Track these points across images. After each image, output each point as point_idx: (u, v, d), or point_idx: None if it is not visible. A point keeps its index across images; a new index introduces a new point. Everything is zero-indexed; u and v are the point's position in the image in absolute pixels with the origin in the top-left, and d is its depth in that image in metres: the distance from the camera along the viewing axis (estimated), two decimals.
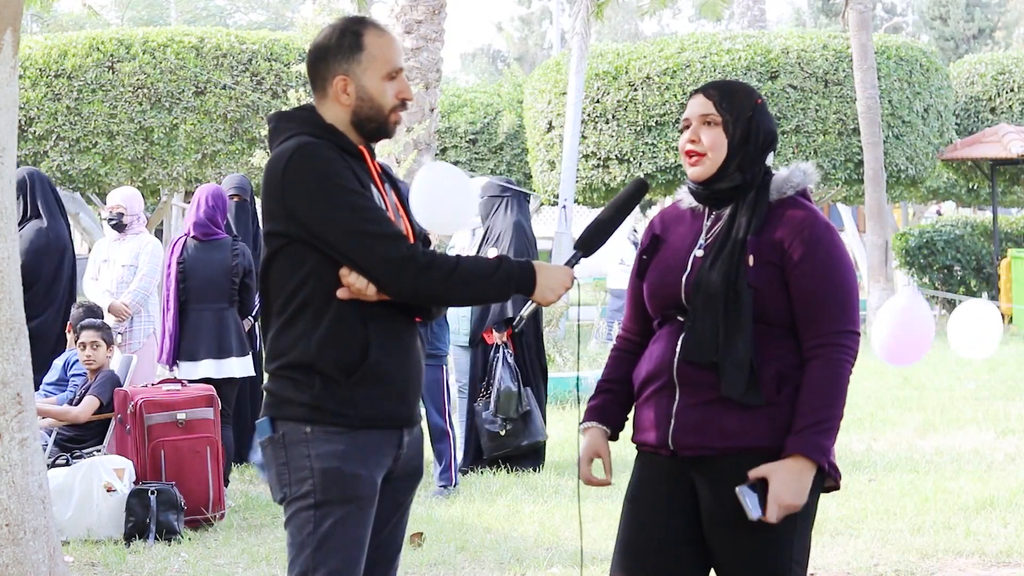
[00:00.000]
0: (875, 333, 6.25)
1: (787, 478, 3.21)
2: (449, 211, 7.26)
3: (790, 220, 3.34)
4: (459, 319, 8.73)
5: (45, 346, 7.98)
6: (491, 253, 8.57)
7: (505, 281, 3.29)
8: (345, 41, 3.35)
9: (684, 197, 3.51)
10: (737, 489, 3.23)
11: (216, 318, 7.87)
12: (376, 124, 3.37)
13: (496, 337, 8.57)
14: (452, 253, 5.84)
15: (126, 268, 8.89)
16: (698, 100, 3.42)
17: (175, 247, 8.00)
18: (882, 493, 7.56)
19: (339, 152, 3.29)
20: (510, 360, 8.58)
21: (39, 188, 8.42)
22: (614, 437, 3.57)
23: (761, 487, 3.23)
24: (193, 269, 7.88)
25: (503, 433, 8.51)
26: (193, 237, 7.99)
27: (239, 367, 7.92)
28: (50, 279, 8.32)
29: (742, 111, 3.39)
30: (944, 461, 8.62)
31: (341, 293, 3.24)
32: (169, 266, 7.96)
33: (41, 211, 8.36)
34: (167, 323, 7.93)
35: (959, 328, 7.18)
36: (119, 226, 8.95)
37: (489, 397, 8.57)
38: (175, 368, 7.95)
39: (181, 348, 7.88)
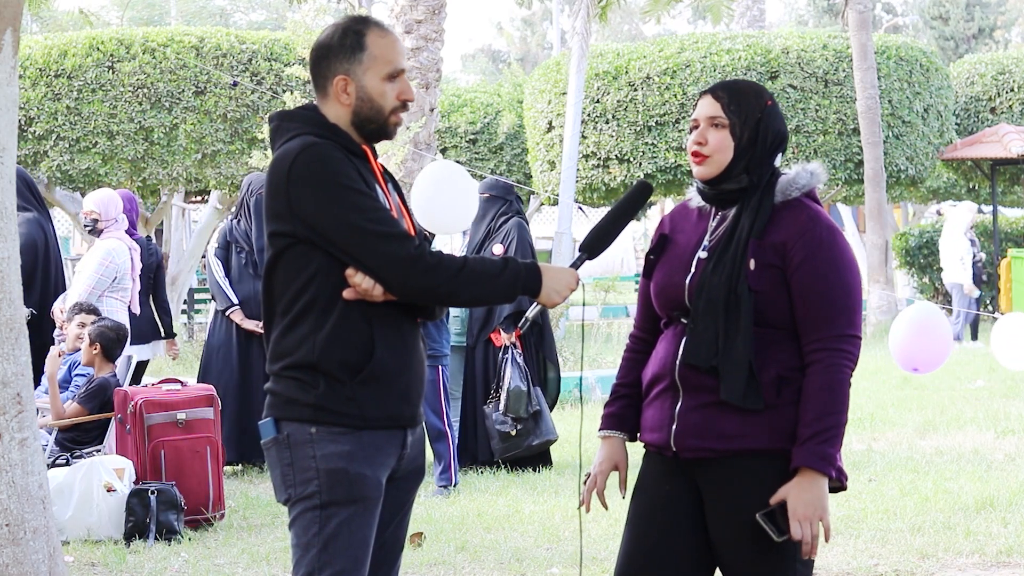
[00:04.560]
0: (893, 340, 6.26)
1: (800, 492, 3.23)
2: (450, 211, 7.31)
3: (792, 223, 3.33)
4: (453, 320, 8.72)
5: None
6: (497, 250, 8.56)
7: (512, 282, 3.28)
8: (347, 41, 3.34)
9: (693, 196, 3.51)
10: (757, 516, 3.25)
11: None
12: (376, 125, 3.36)
13: (504, 338, 8.55)
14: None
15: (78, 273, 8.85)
16: (707, 101, 3.41)
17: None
18: (882, 493, 7.56)
19: (344, 152, 3.28)
20: (519, 360, 8.56)
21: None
22: (633, 439, 3.56)
23: (782, 509, 3.24)
24: None
25: (514, 433, 8.50)
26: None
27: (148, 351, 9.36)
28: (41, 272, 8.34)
29: (750, 114, 3.38)
30: (944, 461, 8.62)
31: (347, 294, 3.23)
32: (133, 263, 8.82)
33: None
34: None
35: (1003, 338, 7.17)
36: (94, 231, 8.91)
37: (499, 399, 8.55)
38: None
39: None
